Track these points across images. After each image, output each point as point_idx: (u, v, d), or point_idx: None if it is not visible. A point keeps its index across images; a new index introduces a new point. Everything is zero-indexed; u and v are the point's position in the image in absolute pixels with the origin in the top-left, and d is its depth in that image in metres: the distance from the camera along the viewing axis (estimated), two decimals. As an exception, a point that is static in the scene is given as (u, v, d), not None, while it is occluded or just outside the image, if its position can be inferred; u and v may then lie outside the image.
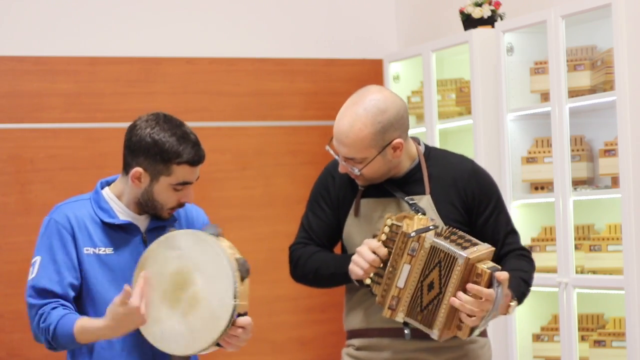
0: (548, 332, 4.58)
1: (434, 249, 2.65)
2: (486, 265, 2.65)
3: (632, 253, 4.06)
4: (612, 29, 4.11)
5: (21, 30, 5.10)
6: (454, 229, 2.71)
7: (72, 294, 2.78)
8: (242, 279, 2.66)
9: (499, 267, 2.68)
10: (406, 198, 2.83)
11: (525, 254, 2.92)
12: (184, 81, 5.37)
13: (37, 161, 5.06)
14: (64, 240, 2.79)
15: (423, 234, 2.66)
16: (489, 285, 2.63)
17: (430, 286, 2.66)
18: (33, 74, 5.08)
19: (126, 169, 2.81)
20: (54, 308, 2.73)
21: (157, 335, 2.69)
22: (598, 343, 4.30)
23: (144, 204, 2.81)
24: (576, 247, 4.37)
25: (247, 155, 5.48)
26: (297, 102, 5.61)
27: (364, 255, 2.71)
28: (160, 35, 5.36)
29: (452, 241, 2.66)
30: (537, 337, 4.61)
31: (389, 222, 2.72)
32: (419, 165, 2.89)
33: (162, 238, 2.73)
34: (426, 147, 2.96)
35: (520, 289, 2.82)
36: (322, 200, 2.95)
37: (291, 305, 5.47)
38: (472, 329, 2.67)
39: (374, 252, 2.70)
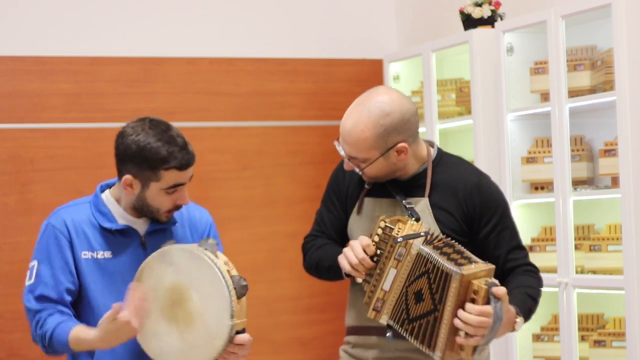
0: (548, 332, 4.58)
1: (420, 257, 2.63)
2: (483, 282, 2.59)
3: (632, 253, 4.06)
4: (612, 29, 4.11)
5: (21, 30, 5.10)
6: (452, 242, 2.67)
7: (68, 298, 2.77)
8: (239, 297, 2.62)
9: (497, 282, 2.62)
10: (404, 202, 2.81)
11: (531, 270, 2.86)
12: (184, 81, 5.36)
13: (37, 161, 5.06)
14: (61, 244, 2.78)
15: (411, 240, 2.64)
16: (487, 301, 2.58)
17: (419, 296, 2.63)
18: (33, 74, 5.08)
19: (119, 175, 2.80)
20: (50, 315, 2.73)
21: (157, 350, 2.68)
22: (598, 343, 4.30)
23: (140, 209, 2.80)
24: (576, 247, 4.37)
25: (247, 155, 5.48)
26: (297, 102, 5.60)
27: (354, 250, 2.71)
28: (160, 36, 5.36)
29: (444, 254, 2.62)
30: (537, 337, 4.61)
31: (382, 224, 2.71)
32: (426, 170, 2.87)
33: (158, 252, 2.70)
34: (439, 152, 2.91)
35: (526, 305, 2.76)
36: (333, 194, 2.96)
37: (291, 305, 5.47)
38: (475, 348, 2.62)
39: (364, 250, 2.70)
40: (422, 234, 2.66)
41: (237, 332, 2.64)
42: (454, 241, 2.68)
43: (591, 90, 4.36)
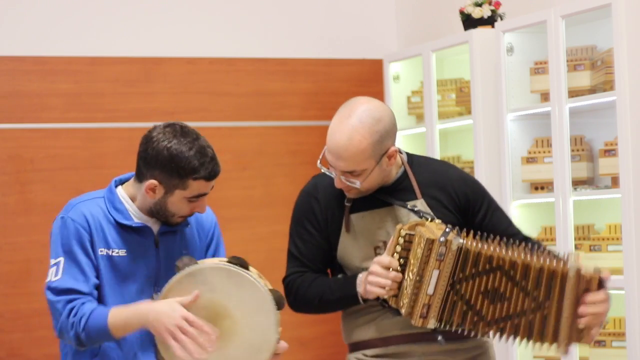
0: (548, 332, 4.57)
1: (465, 252, 2.62)
2: (591, 269, 2.65)
3: (632, 253, 4.06)
4: (612, 29, 4.11)
5: (21, 30, 5.10)
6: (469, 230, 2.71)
7: (96, 293, 2.75)
8: (279, 309, 2.67)
9: (597, 267, 2.69)
10: (409, 206, 2.79)
11: (532, 240, 2.91)
12: (184, 81, 5.37)
13: (37, 161, 5.06)
14: (83, 240, 2.75)
15: (450, 237, 2.63)
16: (600, 287, 2.66)
17: (496, 295, 2.64)
18: (33, 74, 5.08)
19: (139, 177, 2.77)
20: (84, 303, 2.69)
21: None
22: (598, 343, 4.30)
23: (155, 212, 2.79)
24: (576, 247, 4.37)
25: (247, 155, 5.48)
26: (297, 102, 5.60)
27: (380, 274, 2.66)
28: (160, 36, 5.36)
29: (487, 242, 2.65)
30: (537, 337, 4.60)
31: (402, 232, 2.67)
32: (405, 173, 2.86)
33: (186, 272, 2.65)
34: (407, 154, 2.93)
35: None
36: (308, 224, 2.88)
37: (291, 305, 5.46)
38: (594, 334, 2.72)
39: (389, 268, 2.66)
40: (447, 229, 2.66)
41: None
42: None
43: (591, 90, 4.36)
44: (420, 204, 2.81)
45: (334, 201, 2.86)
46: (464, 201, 2.85)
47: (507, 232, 2.86)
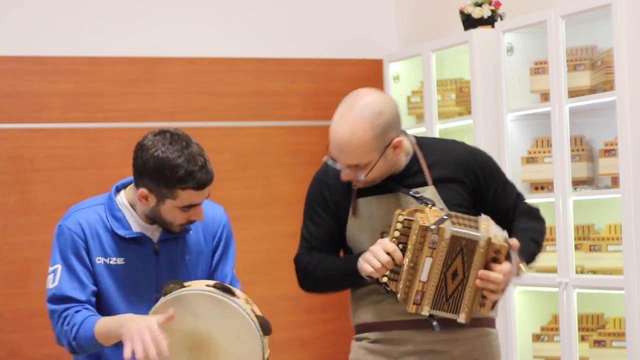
0: (548, 332, 4.58)
1: (454, 239, 2.65)
2: (501, 238, 2.68)
3: (632, 253, 4.06)
4: (612, 29, 4.11)
5: (21, 30, 5.10)
6: (455, 213, 2.73)
7: (94, 300, 2.75)
8: (266, 334, 2.63)
9: (506, 234, 2.73)
10: (411, 192, 2.82)
11: (534, 213, 2.95)
12: (184, 81, 5.37)
13: (37, 161, 5.06)
14: (78, 248, 2.75)
15: (442, 225, 2.66)
16: (507, 257, 2.67)
17: (454, 275, 2.68)
18: (33, 74, 5.08)
19: (136, 184, 2.75)
20: (77, 311, 2.70)
21: None
22: (598, 343, 4.30)
23: (154, 220, 2.77)
24: (576, 247, 4.37)
25: (247, 155, 5.48)
26: (297, 102, 5.61)
27: (377, 255, 2.70)
28: (160, 35, 5.36)
29: (465, 225, 2.67)
30: (537, 337, 4.61)
31: (400, 218, 2.70)
32: (415, 157, 2.89)
33: (172, 297, 2.61)
34: (416, 137, 2.96)
35: (529, 249, 2.85)
36: (319, 208, 2.93)
37: (291, 305, 5.47)
38: (494, 303, 2.71)
39: (389, 254, 2.69)
40: (445, 217, 2.67)
41: None
42: (454, 212, 2.76)
43: (591, 90, 4.36)
44: (430, 190, 2.84)
45: (344, 186, 2.90)
46: (474, 180, 2.88)
47: (515, 205, 2.92)
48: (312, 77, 5.64)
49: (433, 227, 2.65)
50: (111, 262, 2.76)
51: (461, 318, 2.68)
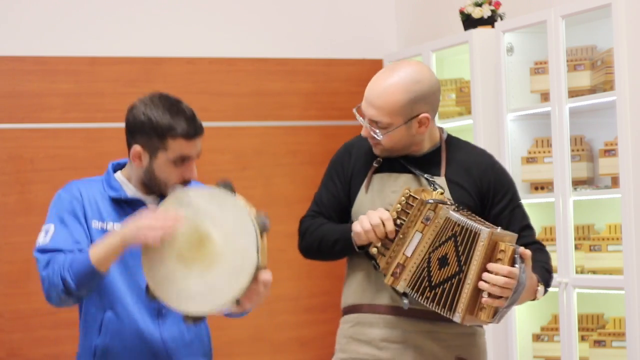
0: (548, 332, 4.58)
1: (448, 222, 2.65)
2: (509, 244, 2.64)
3: (632, 253, 4.06)
4: (612, 29, 4.11)
5: (21, 30, 5.10)
6: (472, 212, 2.73)
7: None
8: (262, 234, 2.63)
9: (521, 247, 2.68)
10: (425, 175, 2.85)
11: (541, 247, 2.94)
12: (184, 81, 5.36)
13: (37, 161, 5.06)
14: (76, 210, 2.78)
15: (440, 204, 2.66)
16: (512, 263, 2.61)
17: (443, 261, 2.64)
18: (33, 74, 5.08)
19: (129, 149, 2.81)
20: (66, 254, 2.69)
21: (173, 296, 2.62)
22: (598, 343, 4.30)
23: (149, 183, 2.81)
24: (576, 247, 4.37)
25: (247, 155, 5.48)
26: (297, 102, 5.60)
27: (370, 218, 2.73)
28: (160, 36, 5.36)
29: (470, 218, 2.66)
30: (537, 337, 4.61)
31: (406, 193, 2.73)
32: (439, 150, 2.91)
33: (173, 196, 2.68)
34: (449, 135, 2.99)
35: (544, 276, 2.83)
36: (335, 175, 2.97)
37: (291, 305, 5.47)
38: (496, 312, 2.63)
39: (383, 223, 2.71)
40: (449, 202, 2.67)
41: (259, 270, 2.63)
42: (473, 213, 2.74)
43: (591, 90, 4.36)
44: (441, 181, 2.85)
45: (364, 158, 2.94)
46: (485, 188, 2.88)
47: (520, 234, 2.86)
48: (312, 77, 5.64)
49: (431, 201, 2.65)
50: (108, 227, 2.79)
51: (456, 318, 2.64)
